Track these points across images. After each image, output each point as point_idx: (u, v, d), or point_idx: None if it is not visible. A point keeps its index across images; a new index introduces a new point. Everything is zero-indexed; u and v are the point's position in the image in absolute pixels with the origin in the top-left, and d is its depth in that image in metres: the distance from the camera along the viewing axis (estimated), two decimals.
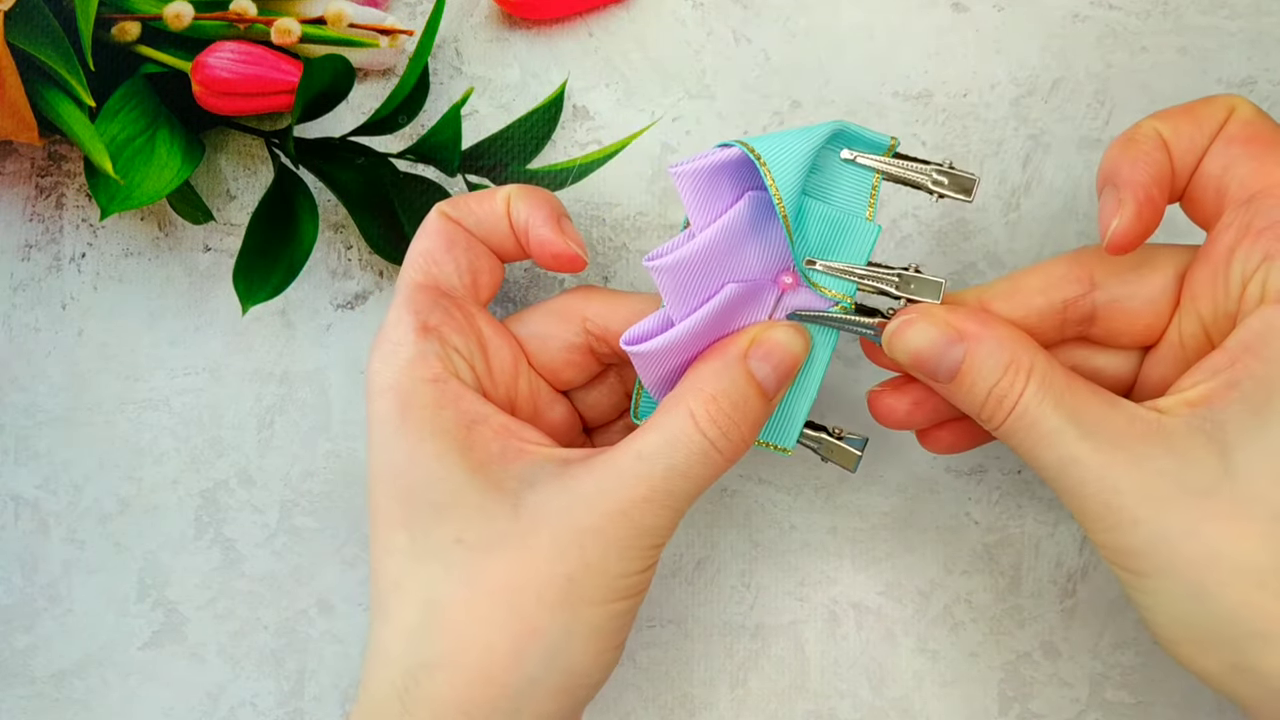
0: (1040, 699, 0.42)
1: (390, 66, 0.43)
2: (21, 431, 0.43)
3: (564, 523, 0.32)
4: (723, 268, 0.34)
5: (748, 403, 0.33)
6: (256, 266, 0.41)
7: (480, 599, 0.32)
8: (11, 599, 0.43)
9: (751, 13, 0.43)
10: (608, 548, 0.32)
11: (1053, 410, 0.32)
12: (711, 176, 0.34)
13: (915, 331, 0.33)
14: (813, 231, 0.35)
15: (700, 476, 0.33)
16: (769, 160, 0.33)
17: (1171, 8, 0.42)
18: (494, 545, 0.32)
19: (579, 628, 0.32)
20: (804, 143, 0.33)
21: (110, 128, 0.40)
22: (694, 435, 0.32)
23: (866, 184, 0.35)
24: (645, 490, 0.32)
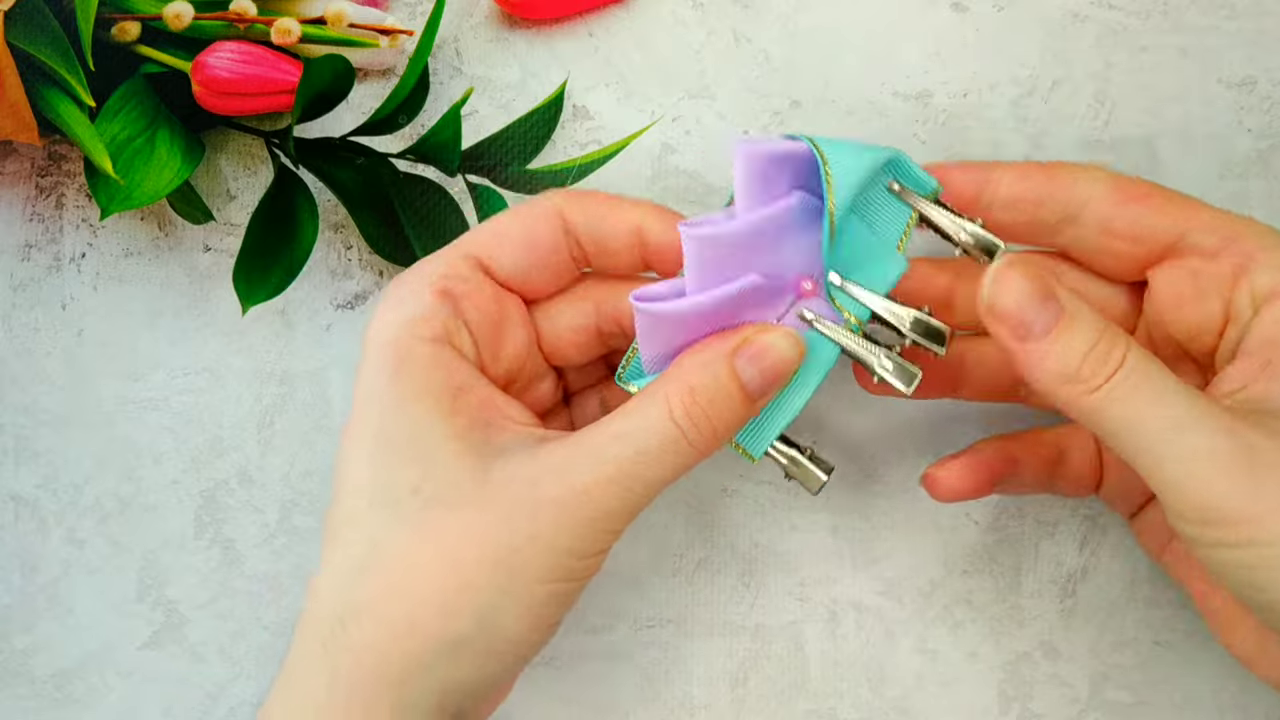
0: (1040, 699, 0.42)
1: (390, 66, 0.43)
2: (21, 431, 0.43)
3: (524, 491, 0.32)
4: (752, 256, 0.34)
5: (726, 400, 0.33)
6: (256, 266, 0.41)
7: (421, 549, 0.32)
8: (11, 599, 0.43)
9: (751, 13, 0.43)
10: (561, 523, 0.32)
11: (1159, 370, 0.31)
12: (771, 163, 0.34)
13: (1014, 281, 0.31)
14: (845, 247, 0.35)
15: (669, 465, 0.33)
16: (834, 171, 0.33)
17: (1171, 8, 0.42)
18: (450, 502, 0.32)
19: (514, 599, 0.32)
20: (866, 160, 0.33)
21: (110, 128, 0.40)
22: (667, 424, 0.32)
23: (904, 218, 0.35)
24: (612, 470, 0.32)
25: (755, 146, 0.33)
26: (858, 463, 0.42)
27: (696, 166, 0.43)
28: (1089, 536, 0.42)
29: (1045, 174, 0.36)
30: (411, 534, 0.32)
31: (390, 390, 0.34)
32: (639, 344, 0.35)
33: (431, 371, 0.34)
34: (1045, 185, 0.35)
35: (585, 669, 0.42)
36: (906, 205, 0.35)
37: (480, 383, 0.35)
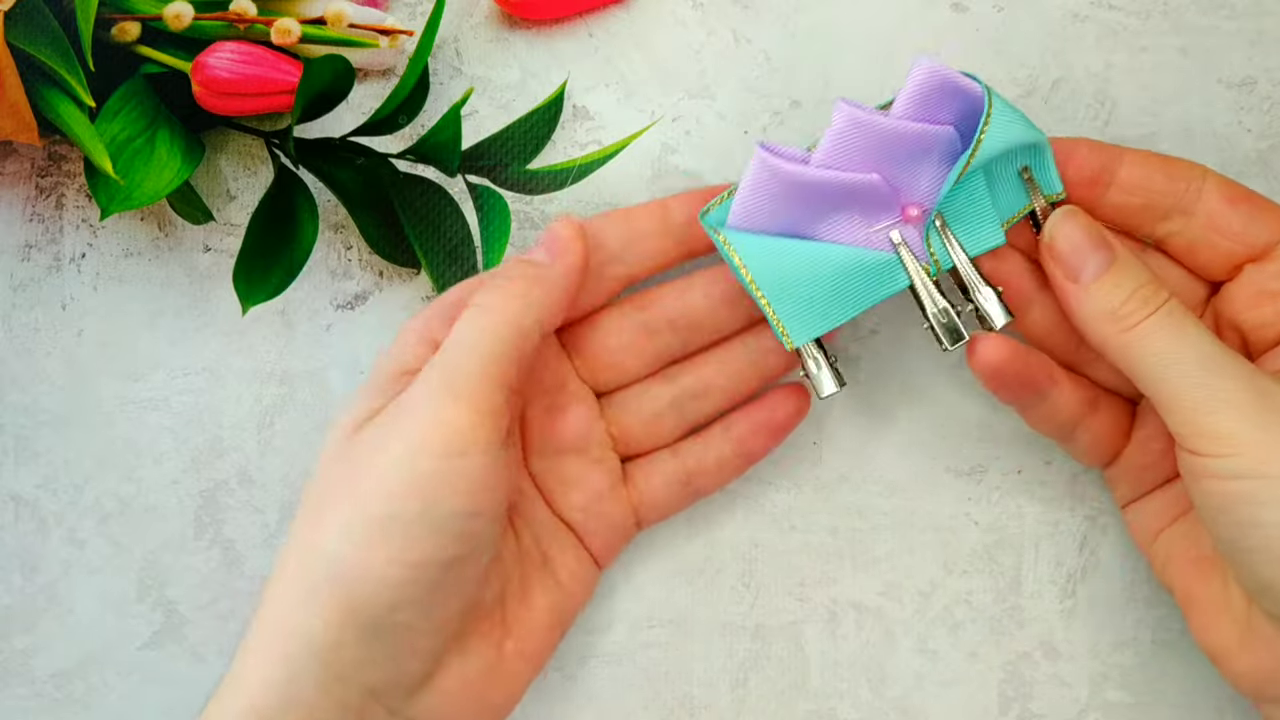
0: (1040, 699, 0.42)
1: (390, 66, 0.43)
2: (21, 431, 0.43)
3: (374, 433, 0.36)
4: (885, 157, 0.36)
5: (509, 268, 0.37)
6: (256, 266, 0.41)
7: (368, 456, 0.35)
8: (11, 599, 0.43)
9: (751, 13, 0.43)
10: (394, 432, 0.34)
11: (1194, 319, 0.34)
12: (944, 88, 0.35)
13: (1075, 225, 0.36)
14: (961, 199, 0.36)
15: (475, 330, 0.35)
16: (993, 125, 0.35)
17: (1171, 8, 0.42)
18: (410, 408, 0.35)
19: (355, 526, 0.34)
20: (1018, 133, 0.36)
21: (110, 128, 0.40)
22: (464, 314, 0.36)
23: (1021, 204, 0.38)
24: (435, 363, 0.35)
25: (937, 67, 0.35)
26: (858, 463, 0.42)
27: (696, 166, 0.43)
28: (1089, 536, 0.42)
29: (1164, 165, 0.37)
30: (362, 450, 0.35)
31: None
32: (740, 191, 0.36)
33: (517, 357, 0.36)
34: (1164, 175, 0.37)
35: (585, 669, 0.42)
36: (1027, 196, 0.37)
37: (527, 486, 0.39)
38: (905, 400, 0.42)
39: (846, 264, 0.36)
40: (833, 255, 0.36)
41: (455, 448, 0.34)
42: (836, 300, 0.36)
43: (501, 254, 0.41)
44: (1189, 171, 0.37)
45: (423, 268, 0.42)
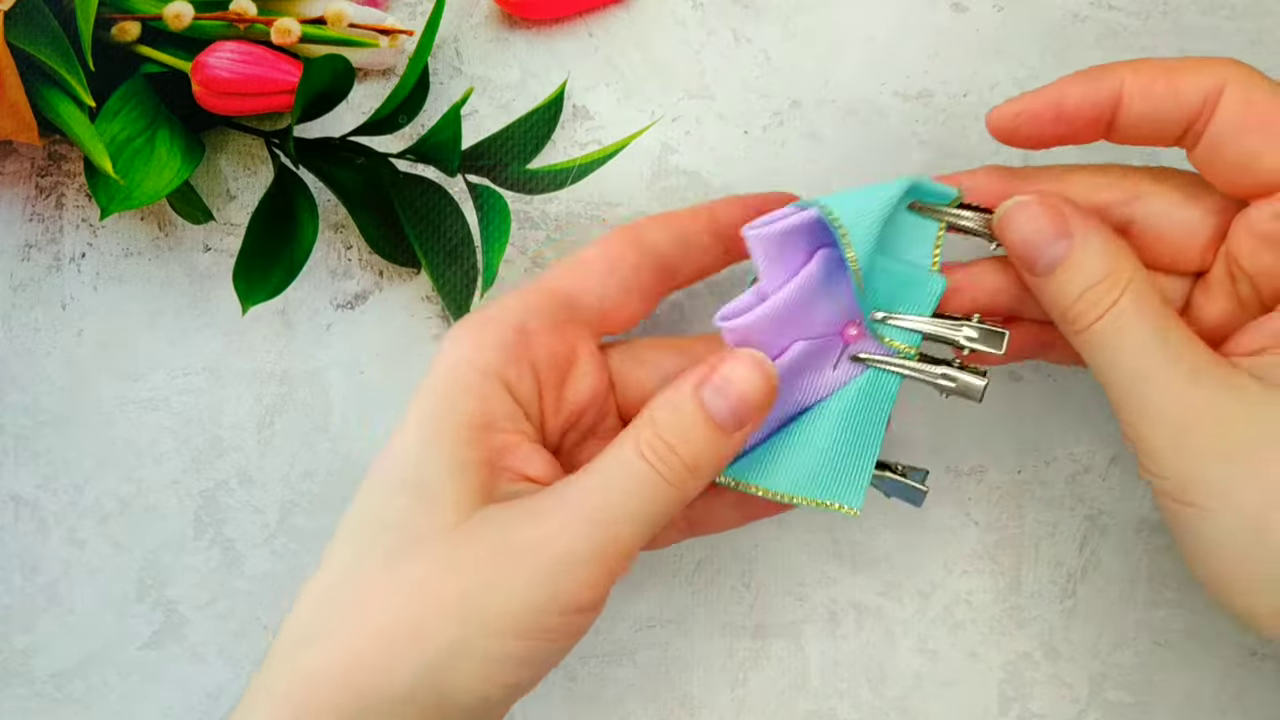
0: (1040, 699, 0.42)
1: (390, 66, 0.43)
2: (21, 431, 0.43)
3: (497, 536, 0.31)
4: (793, 326, 0.34)
5: (694, 431, 0.32)
6: (256, 266, 0.41)
7: (386, 585, 0.31)
8: (11, 599, 0.43)
9: (751, 13, 0.43)
10: (523, 572, 0.30)
11: (1143, 323, 0.32)
12: (785, 237, 0.34)
13: (1027, 216, 0.33)
14: (880, 285, 0.35)
15: (642, 502, 0.31)
16: (848, 225, 0.33)
17: (1171, 8, 0.42)
18: (424, 538, 0.31)
19: (468, 652, 0.30)
20: (880, 204, 0.33)
21: (110, 128, 0.40)
22: (636, 461, 0.32)
23: (931, 234, 0.36)
24: (585, 510, 0.31)
25: (765, 230, 0.33)
26: None
27: (696, 166, 0.43)
28: (1089, 536, 0.42)
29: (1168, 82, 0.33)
30: (381, 566, 0.31)
31: (423, 408, 0.33)
32: None
33: (466, 399, 0.33)
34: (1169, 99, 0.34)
35: (585, 669, 0.42)
36: (932, 221, 0.36)
37: (515, 426, 0.34)
38: (905, 400, 0.42)
39: (840, 416, 0.35)
40: (822, 420, 0.35)
41: (582, 604, 0.31)
42: (857, 449, 0.35)
43: (501, 254, 0.41)
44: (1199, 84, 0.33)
45: (423, 268, 0.42)
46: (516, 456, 0.34)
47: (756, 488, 0.35)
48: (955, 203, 0.36)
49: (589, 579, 0.31)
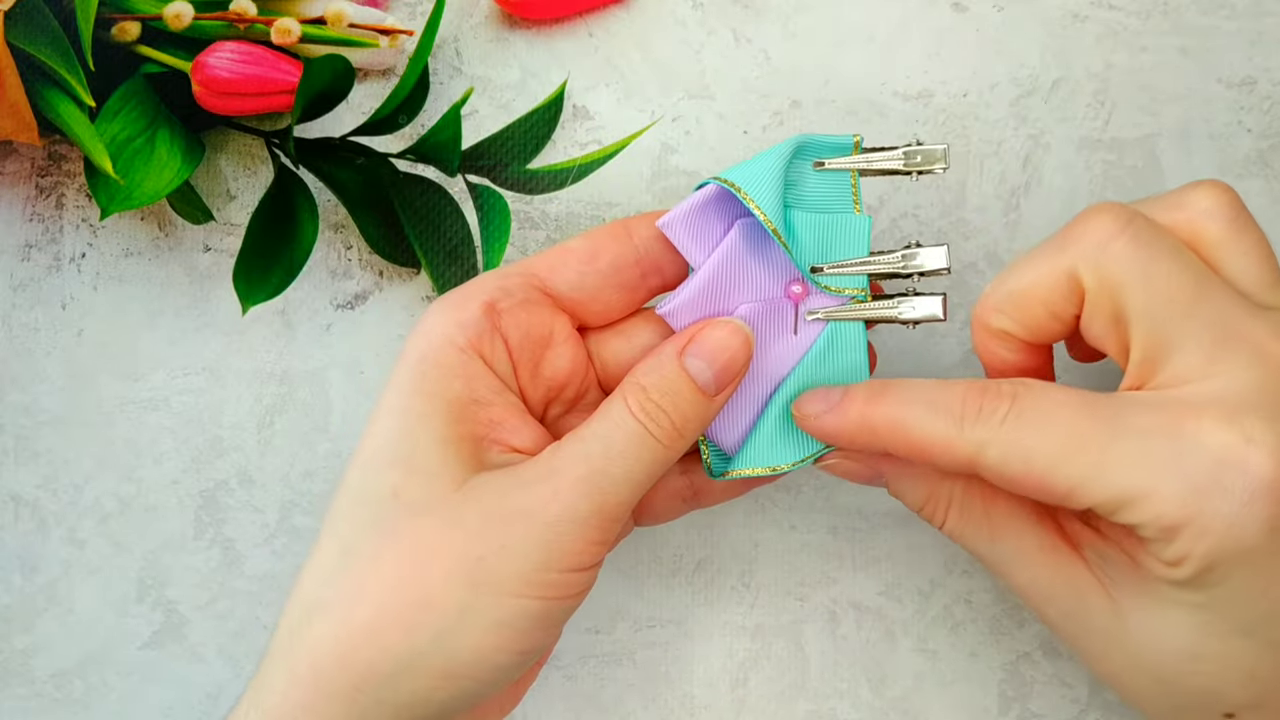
0: (1040, 699, 0.42)
1: (390, 66, 0.43)
2: (21, 431, 0.43)
3: (496, 501, 0.32)
4: (731, 294, 0.35)
5: (680, 395, 0.33)
6: (256, 266, 0.41)
7: (390, 556, 0.32)
8: (11, 599, 0.43)
9: (751, 13, 0.43)
10: (530, 530, 0.31)
11: (973, 539, 0.35)
12: (698, 217, 0.35)
13: (841, 472, 0.36)
14: (808, 240, 0.36)
15: (636, 460, 0.33)
16: (745, 186, 0.34)
17: (1171, 8, 0.42)
18: (425, 508, 0.32)
19: (478, 615, 0.31)
20: (773, 161, 0.34)
21: (110, 128, 0.40)
22: (629, 419, 0.33)
23: (845, 184, 0.36)
24: (581, 469, 0.32)
25: (674, 214, 0.35)
26: None
27: (696, 166, 0.43)
28: None
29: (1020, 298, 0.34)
30: (382, 538, 0.32)
31: (403, 388, 0.34)
32: None
33: (450, 379, 0.34)
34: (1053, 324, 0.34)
35: (585, 669, 0.42)
36: (842, 171, 0.36)
37: (501, 400, 0.35)
38: None
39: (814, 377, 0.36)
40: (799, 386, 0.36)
41: (585, 562, 0.32)
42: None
43: (501, 254, 0.41)
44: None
45: (423, 268, 0.42)
46: (504, 429, 0.34)
47: (753, 470, 0.36)
48: (856, 150, 0.36)
49: (589, 536, 0.32)
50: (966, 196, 0.42)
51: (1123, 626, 0.32)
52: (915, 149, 0.36)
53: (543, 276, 0.35)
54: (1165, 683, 0.32)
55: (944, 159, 0.36)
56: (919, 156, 0.36)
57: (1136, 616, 0.32)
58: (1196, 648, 0.31)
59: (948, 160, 0.36)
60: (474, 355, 0.34)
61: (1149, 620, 0.32)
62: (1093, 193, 0.42)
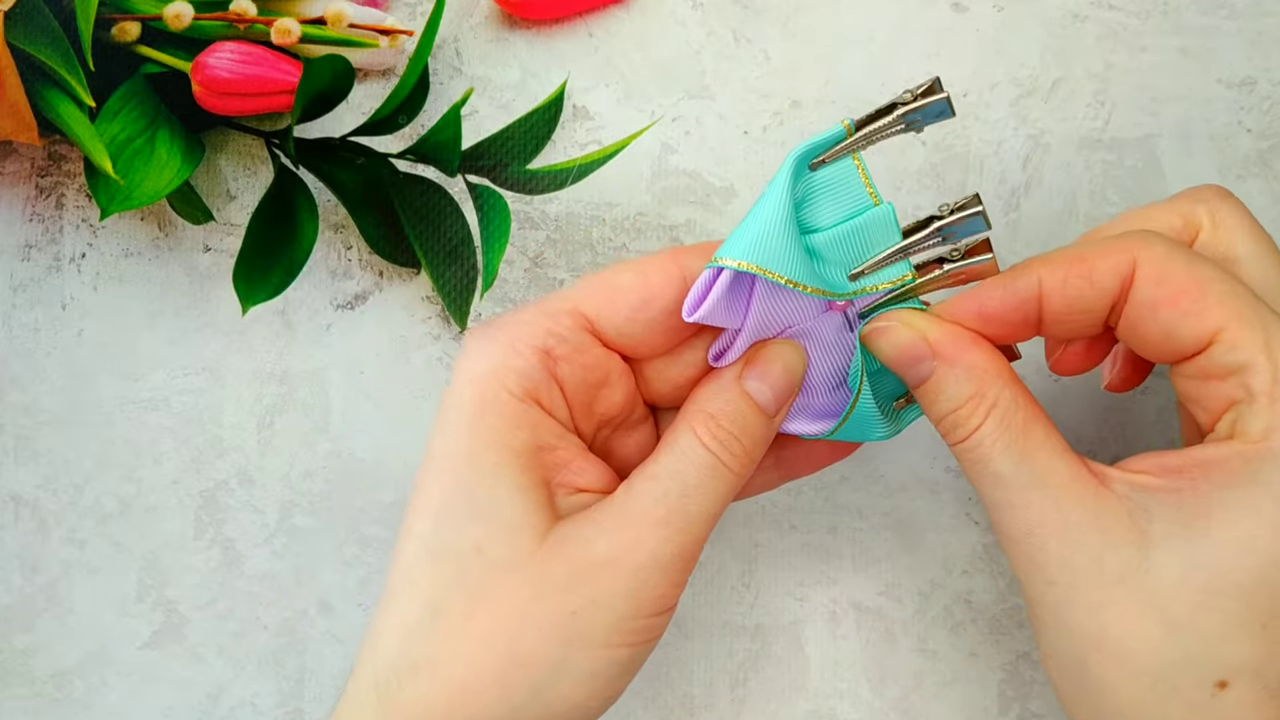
0: (1040, 699, 0.42)
1: (390, 66, 0.43)
2: (21, 431, 0.43)
3: (580, 552, 0.32)
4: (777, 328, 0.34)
5: (745, 419, 0.33)
6: (256, 266, 0.41)
7: (482, 615, 0.32)
8: (11, 599, 0.43)
9: (751, 13, 0.43)
10: (617, 584, 0.31)
11: (1003, 453, 0.32)
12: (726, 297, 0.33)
13: (887, 340, 0.34)
14: (834, 255, 0.34)
15: (712, 494, 0.32)
16: (761, 260, 0.32)
17: (1171, 8, 0.42)
18: (511, 565, 0.32)
19: (573, 667, 0.32)
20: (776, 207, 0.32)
21: (110, 128, 0.40)
22: (702, 452, 0.33)
23: (852, 174, 0.35)
24: (661, 512, 0.32)
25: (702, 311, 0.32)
26: (859, 463, 0.42)
27: (696, 166, 0.43)
28: None
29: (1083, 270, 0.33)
30: (472, 597, 0.32)
31: (467, 440, 0.33)
32: None
33: (514, 429, 0.33)
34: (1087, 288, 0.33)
35: None
36: (844, 159, 0.34)
37: (564, 442, 0.34)
38: None
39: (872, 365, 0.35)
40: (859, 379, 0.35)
41: (668, 604, 0.33)
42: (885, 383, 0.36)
43: (501, 254, 0.41)
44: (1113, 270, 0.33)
45: (423, 268, 0.42)
46: (569, 471, 0.34)
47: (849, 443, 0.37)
48: (851, 132, 0.34)
49: (672, 580, 0.32)
50: None
51: (1144, 561, 0.31)
52: (911, 105, 0.33)
53: (591, 318, 0.34)
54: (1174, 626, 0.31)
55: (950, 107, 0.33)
56: (918, 112, 0.33)
57: (1166, 546, 0.31)
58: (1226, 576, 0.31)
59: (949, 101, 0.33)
60: (533, 404, 0.33)
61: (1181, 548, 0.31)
62: (1093, 193, 0.42)
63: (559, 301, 0.34)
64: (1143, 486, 0.32)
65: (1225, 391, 0.32)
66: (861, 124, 0.33)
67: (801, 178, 0.34)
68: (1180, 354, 0.33)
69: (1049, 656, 0.33)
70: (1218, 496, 0.31)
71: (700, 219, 0.43)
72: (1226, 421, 0.32)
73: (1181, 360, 0.33)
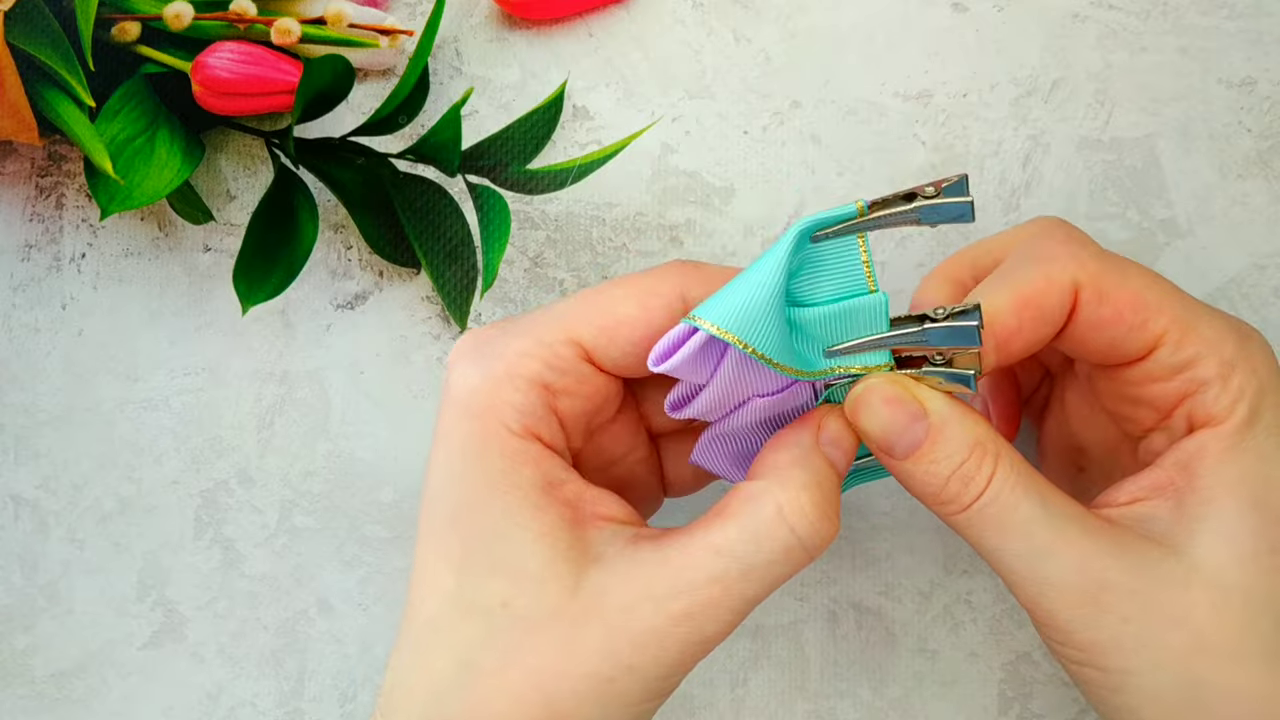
0: (1040, 699, 0.42)
1: (390, 66, 0.43)
2: (21, 431, 0.43)
3: (622, 619, 0.30)
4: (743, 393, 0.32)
5: (834, 491, 0.31)
6: (256, 266, 0.41)
7: (514, 674, 0.30)
8: (11, 599, 0.43)
9: (751, 13, 0.43)
10: (660, 652, 0.30)
11: (1024, 496, 0.31)
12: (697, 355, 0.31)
13: (876, 401, 0.32)
14: (816, 333, 0.32)
15: (779, 578, 0.30)
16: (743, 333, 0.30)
17: (1171, 8, 0.42)
18: (542, 621, 0.31)
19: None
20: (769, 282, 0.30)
21: (110, 128, 0.40)
22: (782, 532, 0.30)
23: (854, 254, 0.32)
24: (719, 592, 0.30)
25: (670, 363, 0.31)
26: None
27: (696, 166, 0.43)
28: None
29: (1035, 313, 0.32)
30: (503, 654, 0.31)
31: (472, 483, 0.31)
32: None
33: (519, 466, 0.31)
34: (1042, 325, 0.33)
35: None
36: (849, 238, 0.32)
37: (571, 476, 0.33)
38: None
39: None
40: None
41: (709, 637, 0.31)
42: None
43: (501, 254, 0.41)
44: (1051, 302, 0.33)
45: (423, 268, 0.42)
46: (589, 501, 0.33)
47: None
48: (862, 211, 0.31)
49: (708, 649, 0.31)
50: None
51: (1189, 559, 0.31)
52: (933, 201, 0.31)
53: (588, 347, 0.32)
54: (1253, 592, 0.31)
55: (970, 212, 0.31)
56: (937, 209, 0.31)
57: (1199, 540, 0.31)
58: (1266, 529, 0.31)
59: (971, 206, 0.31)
60: (533, 440, 0.32)
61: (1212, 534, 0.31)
62: (1093, 193, 0.42)
63: (556, 329, 0.32)
64: (1141, 514, 0.32)
65: (1174, 389, 0.33)
66: (875, 206, 0.31)
67: (802, 249, 0.32)
68: (1123, 359, 0.33)
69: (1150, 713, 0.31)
70: (1217, 477, 0.32)
71: (700, 219, 0.43)
72: (1180, 416, 0.33)
73: (1122, 365, 0.34)
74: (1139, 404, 0.34)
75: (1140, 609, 0.31)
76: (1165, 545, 0.32)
